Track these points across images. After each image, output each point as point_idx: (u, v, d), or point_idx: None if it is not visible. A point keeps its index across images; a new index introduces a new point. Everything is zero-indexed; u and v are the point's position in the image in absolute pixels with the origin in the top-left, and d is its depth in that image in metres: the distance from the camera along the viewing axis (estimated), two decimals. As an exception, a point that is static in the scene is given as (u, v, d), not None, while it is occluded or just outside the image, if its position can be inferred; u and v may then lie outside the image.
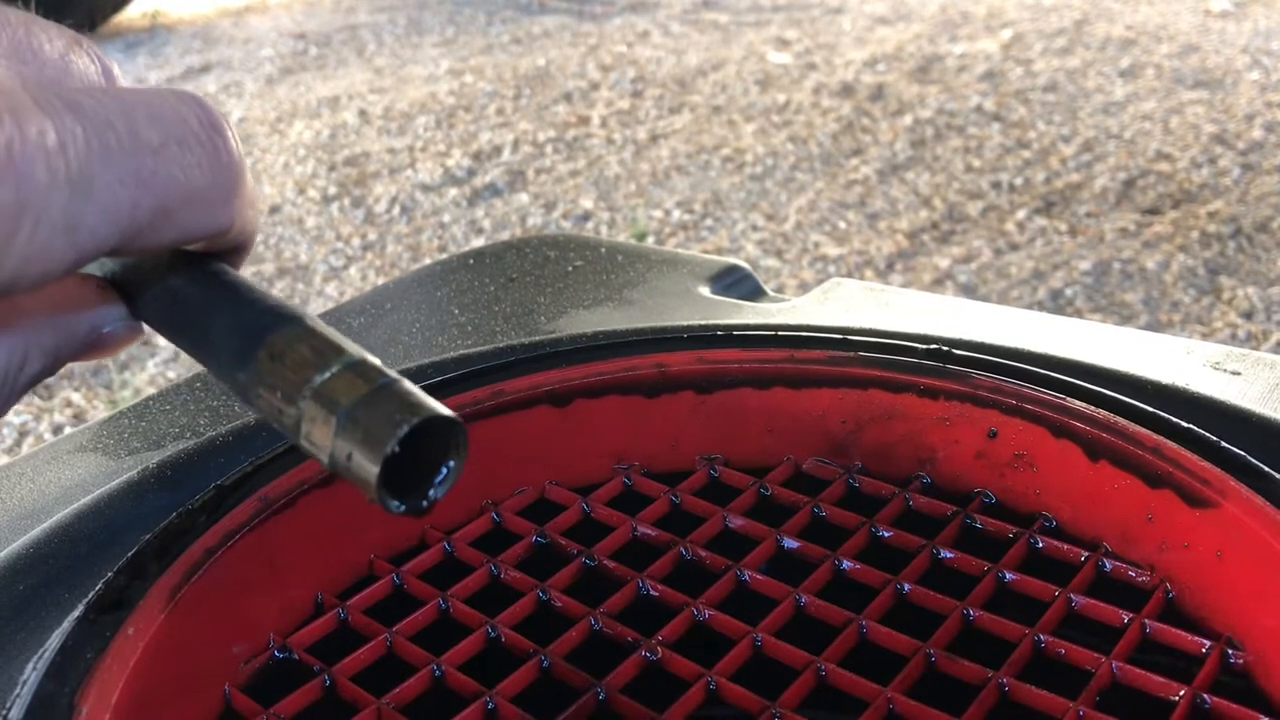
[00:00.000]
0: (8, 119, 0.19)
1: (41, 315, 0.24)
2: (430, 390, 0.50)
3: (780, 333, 0.52)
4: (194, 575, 0.38)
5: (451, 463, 0.23)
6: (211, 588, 0.39)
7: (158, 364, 2.10)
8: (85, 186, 0.20)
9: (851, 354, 0.50)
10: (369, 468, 0.21)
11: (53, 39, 0.24)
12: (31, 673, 0.34)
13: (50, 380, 1.88)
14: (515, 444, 0.49)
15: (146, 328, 0.26)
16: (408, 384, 0.22)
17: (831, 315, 0.62)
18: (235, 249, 0.25)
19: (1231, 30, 3.82)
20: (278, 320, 0.23)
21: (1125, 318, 2.07)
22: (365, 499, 0.22)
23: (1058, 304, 2.14)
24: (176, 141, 0.22)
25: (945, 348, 0.49)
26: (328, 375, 0.22)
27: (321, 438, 0.22)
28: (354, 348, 0.23)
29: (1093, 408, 0.44)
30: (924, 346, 0.49)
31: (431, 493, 0.23)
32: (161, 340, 2.18)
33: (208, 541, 0.39)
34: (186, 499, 0.43)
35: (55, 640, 0.35)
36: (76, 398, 2.01)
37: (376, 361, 0.23)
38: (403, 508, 0.22)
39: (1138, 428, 0.43)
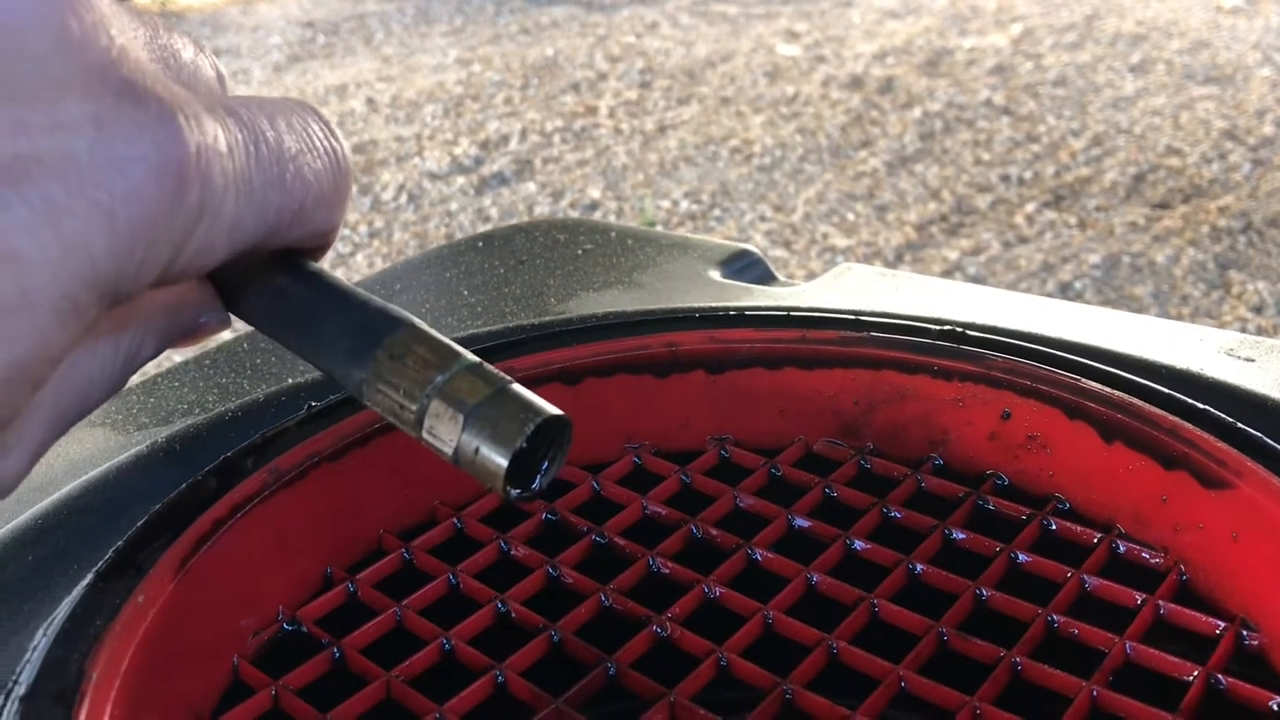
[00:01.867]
0: (194, 125, 0.21)
1: (158, 307, 0.25)
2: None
3: (792, 313, 0.52)
4: (203, 545, 0.38)
5: (557, 455, 0.25)
6: (221, 559, 0.38)
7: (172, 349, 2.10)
8: (247, 190, 0.22)
9: (864, 334, 0.49)
10: (498, 461, 0.23)
11: (185, 44, 0.25)
12: (41, 639, 0.34)
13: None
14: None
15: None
16: (522, 387, 0.25)
17: (842, 299, 0.62)
18: (326, 246, 0.27)
19: (1243, 26, 3.81)
20: (392, 322, 0.25)
21: (1134, 311, 2.06)
22: (485, 487, 0.25)
23: (1066, 297, 2.14)
24: (309, 149, 0.24)
25: (959, 329, 0.49)
26: (449, 375, 0.24)
27: (447, 433, 0.24)
28: (467, 352, 0.25)
29: (1108, 389, 0.44)
30: (938, 328, 0.49)
31: (538, 481, 0.25)
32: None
33: (217, 512, 0.39)
34: (194, 473, 0.43)
35: (65, 607, 0.35)
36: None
37: (491, 366, 0.25)
38: (517, 494, 0.25)
39: (1154, 409, 0.42)
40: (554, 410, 0.24)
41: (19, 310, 0.19)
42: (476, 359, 0.25)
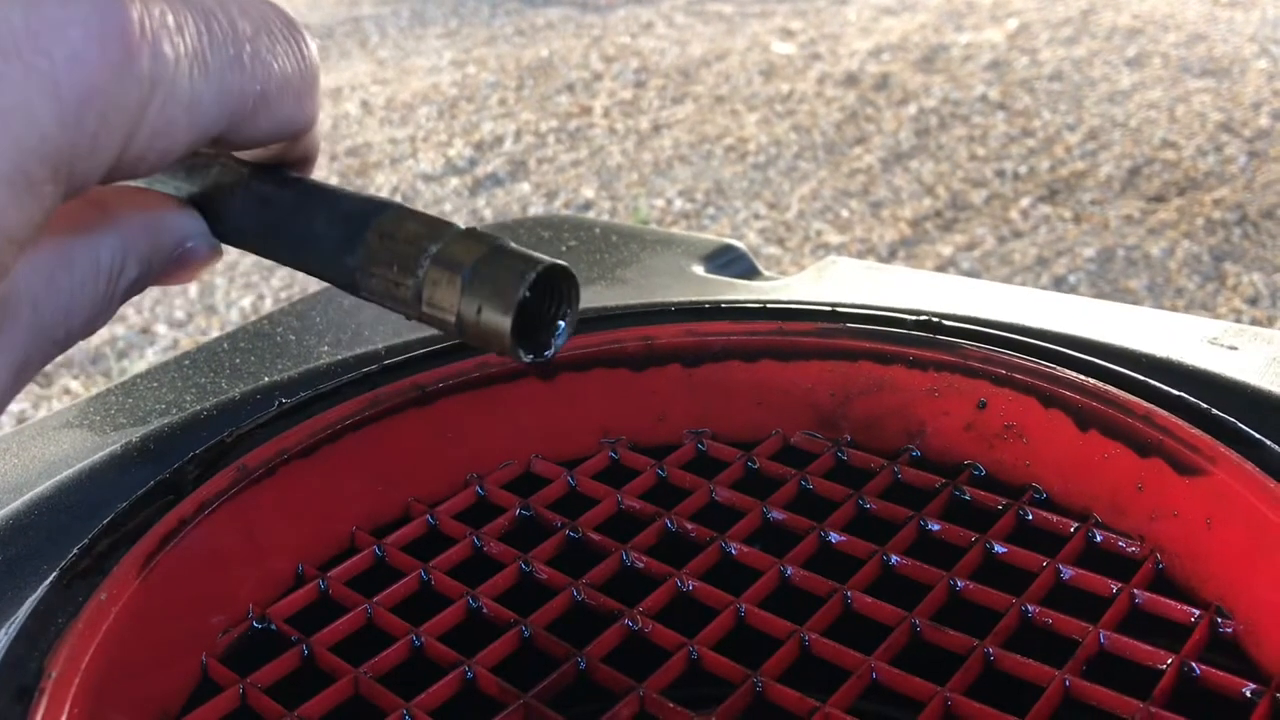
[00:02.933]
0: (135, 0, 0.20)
1: (134, 219, 0.25)
2: (417, 362, 0.49)
3: (769, 305, 0.52)
4: (169, 543, 0.38)
5: (568, 313, 0.24)
6: (188, 556, 0.38)
7: (156, 352, 2.10)
8: (203, 66, 0.22)
9: (840, 326, 0.49)
10: (501, 319, 0.23)
11: None
12: (2, 637, 0.34)
13: (48, 368, 1.88)
14: (501, 417, 0.48)
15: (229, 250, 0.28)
16: (518, 245, 0.24)
17: (824, 291, 0.62)
18: (304, 158, 0.27)
19: (1239, 19, 3.80)
20: (378, 206, 0.25)
21: (1129, 304, 2.06)
22: (496, 352, 0.24)
23: (1061, 291, 2.14)
24: (266, 33, 0.24)
25: (935, 319, 0.48)
26: (443, 243, 0.24)
27: (446, 299, 0.23)
28: (458, 224, 0.24)
29: (1083, 377, 0.43)
30: (913, 318, 0.49)
31: (555, 341, 0.24)
32: (161, 328, 2.18)
33: (183, 510, 0.39)
34: (166, 470, 0.43)
35: (27, 606, 0.35)
36: (75, 385, 2.01)
37: (482, 230, 0.24)
38: (531, 357, 0.24)
39: (1128, 396, 0.42)
40: (555, 260, 0.23)
41: None
42: (466, 227, 0.24)
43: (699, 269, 0.69)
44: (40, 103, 0.19)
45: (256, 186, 0.26)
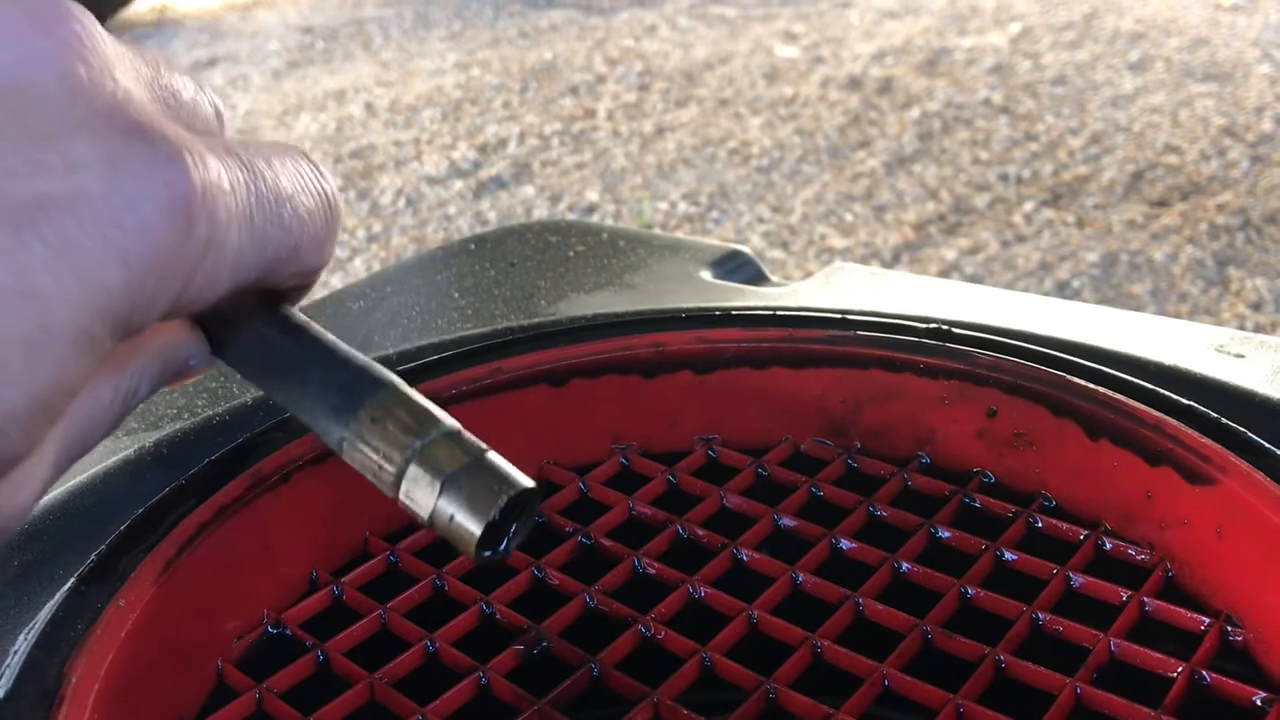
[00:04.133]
0: (200, 164, 0.22)
1: (154, 349, 0.26)
2: (428, 369, 0.50)
3: (779, 313, 0.52)
4: (186, 549, 0.38)
5: (526, 520, 0.26)
6: (204, 562, 0.38)
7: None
8: (249, 226, 0.23)
9: (850, 333, 0.49)
10: (471, 530, 0.24)
11: (185, 83, 0.26)
12: (22, 643, 0.34)
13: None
14: (512, 423, 0.48)
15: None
16: (497, 455, 0.25)
17: (832, 298, 0.62)
18: (306, 286, 0.28)
19: (1242, 24, 3.80)
20: (374, 384, 0.26)
21: (1133, 309, 2.06)
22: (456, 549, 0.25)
23: (1064, 295, 2.14)
24: (303, 189, 0.25)
25: (945, 327, 0.49)
26: (427, 441, 0.25)
27: (423, 498, 0.25)
28: (446, 416, 0.26)
29: (1093, 385, 0.44)
30: (924, 326, 0.49)
31: (505, 544, 0.26)
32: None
33: (200, 516, 0.39)
34: (181, 477, 0.43)
35: (46, 612, 0.35)
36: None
37: (468, 433, 0.25)
38: (487, 554, 0.25)
39: (1137, 405, 0.42)
40: (527, 482, 0.25)
41: (41, 344, 0.20)
42: (455, 425, 0.25)
43: (707, 274, 0.69)
44: (110, 269, 0.20)
45: (260, 328, 0.27)
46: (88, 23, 0.22)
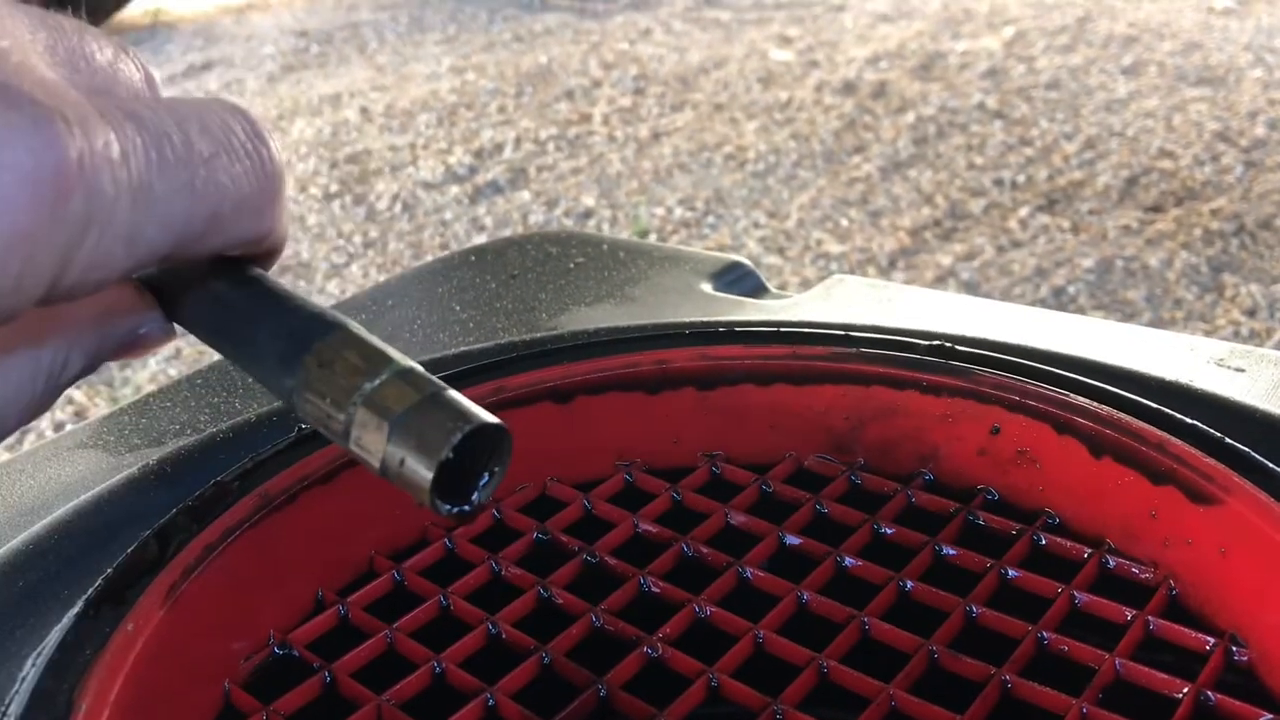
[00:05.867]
0: (77, 130, 0.19)
1: (84, 319, 0.24)
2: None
3: (782, 329, 0.52)
4: (194, 572, 0.38)
5: (496, 468, 0.24)
6: (211, 584, 0.38)
7: (159, 361, 2.11)
8: (146, 197, 0.21)
9: (854, 350, 0.49)
10: (423, 473, 0.22)
11: (103, 47, 0.24)
12: (30, 669, 0.34)
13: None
14: (516, 440, 0.48)
15: (179, 329, 0.27)
16: (455, 393, 0.23)
17: (834, 312, 0.62)
18: (269, 253, 0.26)
19: (1234, 28, 3.82)
20: (324, 327, 0.24)
21: (1128, 315, 2.07)
22: (416, 501, 0.23)
23: (1060, 301, 2.14)
24: (226, 151, 0.22)
25: (948, 344, 0.49)
26: (377, 383, 0.23)
27: (373, 443, 0.23)
28: (400, 356, 0.23)
29: (1096, 404, 0.44)
30: (927, 343, 0.49)
31: (475, 496, 0.23)
32: (163, 338, 2.17)
33: (208, 538, 0.39)
34: (187, 495, 0.43)
35: (54, 636, 0.35)
36: (78, 395, 2.01)
37: (423, 371, 0.23)
38: (451, 510, 0.23)
39: (1141, 424, 0.42)
40: (487, 417, 0.22)
41: None
42: (409, 364, 0.23)
43: (707, 286, 0.69)
44: None
45: (210, 283, 0.25)
46: None
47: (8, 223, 0.19)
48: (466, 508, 0.23)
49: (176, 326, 0.27)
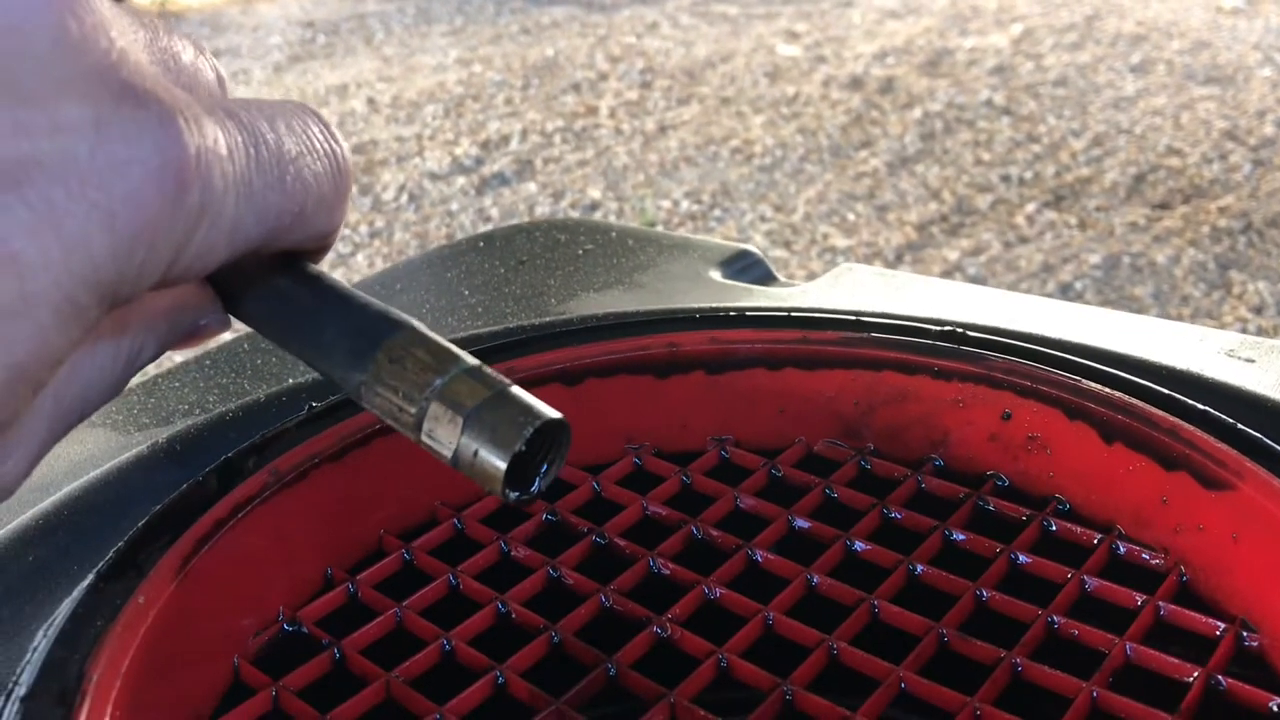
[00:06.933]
0: (194, 128, 0.21)
1: (161, 309, 0.26)
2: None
3: (793, 314, 0.52)
4: (204, 546, 0.38)
5: (556, 458, 0.25)
6: (221, 559, 0.38)
7: (165, 349, 2.11)
8: (248, 192, 0.22)
9: (864, 335, 0.49)
10: (497, 464, 0.23)
11: (185, 46, 0.25)
12: (42, 640, 0.34)
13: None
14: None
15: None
16: (521, 389, 0.24)
17: (843, 299, 0.62)
18: (323, 249, 0.27)
19: (1243, 27, 3.81)
20: (391, 325, 0.25)
21: (1135, 311, 2.06)
22: (485, 491, 0.25)
23: (1067, 297, 2.14)
24: (308, 151, 0.24)
25: (959, 329, 0.49)
26: (448, 378, 0.24)
27: (446, 436, 0.24)
28: (467, 355, 0.25)
29: (1108, 389, 0.44)
30: (938, 328, 0.49)
31: (537, 484, 0.25)
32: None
33: (218, 513, 0.39)
34: (195, 473, 0.43)
35: (65, 608, 0.35)
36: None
37: (490, 369, 0.25)
38: (519, 497, 0.24)
39: (1153, 409, 0.42)
40: (553, 413, 0.24)
41: (20, 313, 0.19)
42: (476, 362, 0.25)
43: (716, 274, 0.69)
44: (96, 237, 0.19)
45: (274, 280, 0.26)
46: None
47: (137, 214, 0.20)
48: (530, 494, 0.25)
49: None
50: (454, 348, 0.25)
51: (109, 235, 0.20)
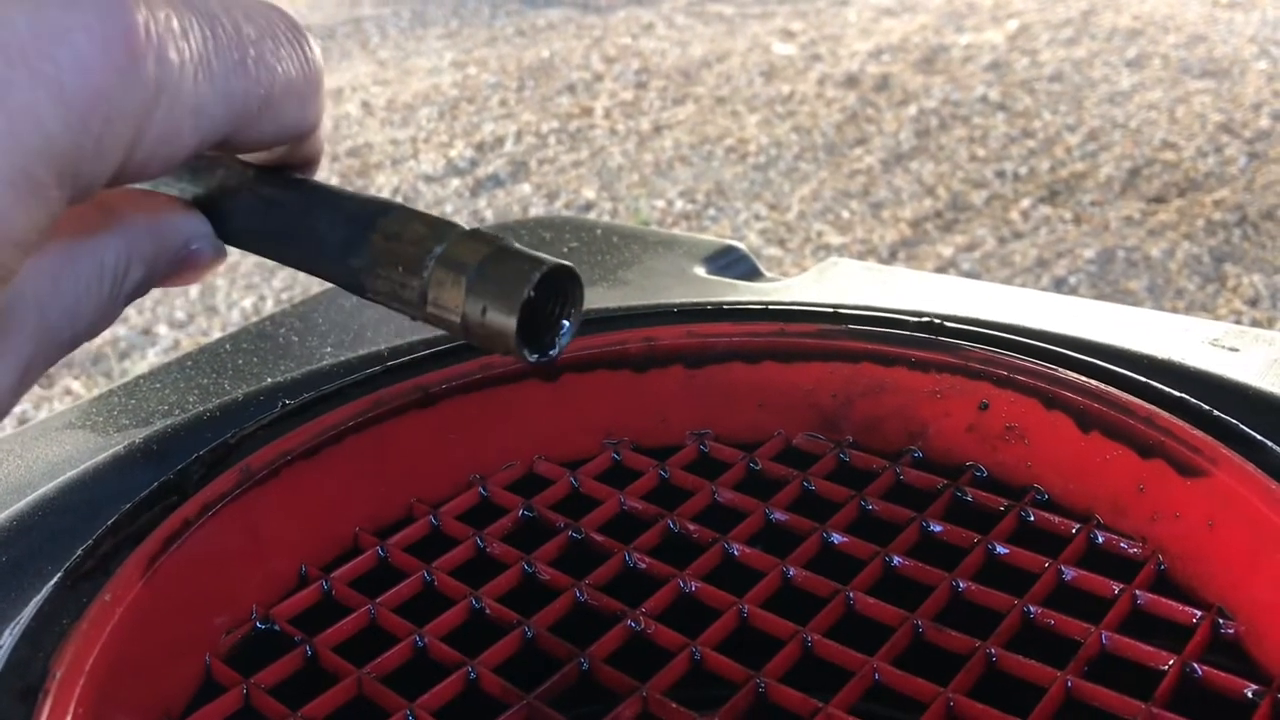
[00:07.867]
0: (141, 3, 0.20)
1: (139, 220, 0.25)
2: (419, 364, 0.49)
3: (770, 307, 0.52)
4: (172, 544, 0.38)
5: (572, 312, 0.24)
6: (192, 557, 0.38)
7: (158, 353, 2.11)
8: (207, 72, 0.22)
9: (842, 328, 0.49)
10: (506, 319, 0.23)
11: None
12: (7, 638, 0.34)
13: (50, 369, 1.88)
14: (503, 418, 0.48)
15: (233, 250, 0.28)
16: (521, 245, 0.24)
17: (826, 293, 0.62)
18: (308, 160, 0.27)
19: (1239, 20, 3.80)
20: (382, 207, 0.25)
21: (1130, 305, 2.06)
22: (500, 352, 0.24)
23: (1062, 292, 2.14)
24: (270, 37, 0.24)
25: (937, 320, 0.49)
26: (447, 244, 0.24)
27: (451, 300, 0.23)
28: (461, 224, 0.24)
29: (1084, 378, 0.44)
30: (915, 319, 0.49)
31: (559, 341, 0.24)
32: (162, 329, 2.18)
33: (187, 511, 0.39)
34: (170, 472, 0.43)
35: (32, 607, 0.35)
36: (76, 386, 2.01)
37: (487, 231, 0.24)
38: (536, 356, 0.24)
39: (1129, 397, 0.42)
40: (559, 260, 0.23)
41: None
42: (471, 228, 0.24)
43: (701, 270, 0.69)
44: (45, 106, 0.19)
45: (261, 189, 0.26)
46: None
47: (85, 81, 0.19)
48: (549, 355, 0.24)
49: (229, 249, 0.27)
50: (448, 220, 0.25)
51: (59, 106, 0.19)
